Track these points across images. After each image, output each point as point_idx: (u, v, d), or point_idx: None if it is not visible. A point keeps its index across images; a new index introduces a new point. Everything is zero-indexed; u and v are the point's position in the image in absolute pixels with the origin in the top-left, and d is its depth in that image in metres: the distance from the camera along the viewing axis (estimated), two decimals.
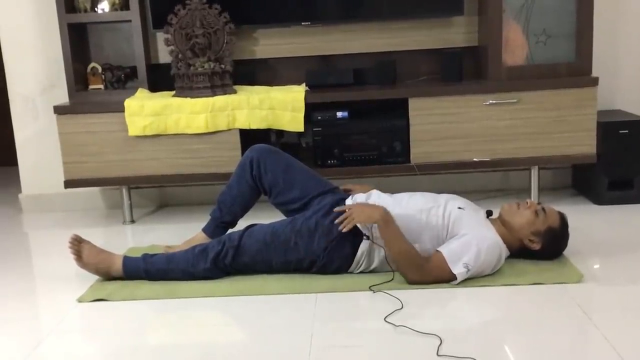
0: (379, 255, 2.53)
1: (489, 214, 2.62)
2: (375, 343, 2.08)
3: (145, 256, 2.63)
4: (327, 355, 2.02)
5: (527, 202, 2.58)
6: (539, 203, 2.64)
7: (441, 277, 2.41)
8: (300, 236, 2.53)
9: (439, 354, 1.96)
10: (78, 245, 2.61)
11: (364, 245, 2.52)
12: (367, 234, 2.49)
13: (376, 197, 2.64)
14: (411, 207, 2.54)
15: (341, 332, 2.17)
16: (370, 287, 2.43)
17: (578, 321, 2.16)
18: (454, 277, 2.39)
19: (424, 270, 2.41)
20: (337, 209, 2.51)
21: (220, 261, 2.55)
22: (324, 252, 2.52)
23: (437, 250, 2.43)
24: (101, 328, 2.31)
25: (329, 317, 2.27)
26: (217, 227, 2.78)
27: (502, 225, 2.56)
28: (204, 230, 2.79)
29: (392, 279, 2.46)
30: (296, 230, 2.54)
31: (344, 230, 2.44)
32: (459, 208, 2.53)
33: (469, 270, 2.38)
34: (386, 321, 2.18)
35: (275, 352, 2.06)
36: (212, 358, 2.06)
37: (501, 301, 2.34)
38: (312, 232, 2.53)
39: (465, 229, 2.45)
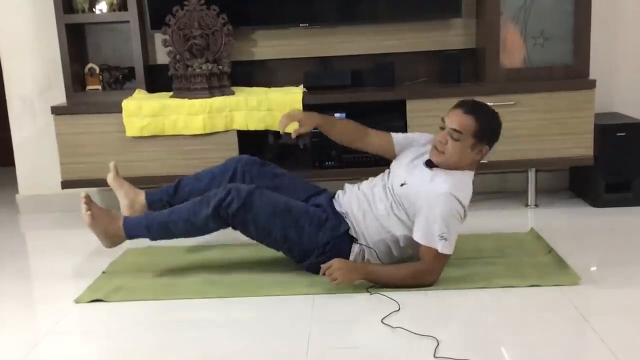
0: (371, 256, 2.54)
1: (429, 164, 2.54)
2: (373, 345, 2.08)
3: (146, 213, 2.63)
4: (325, 356, 2.02)
5: (439, 140, 2.47)
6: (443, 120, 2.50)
7: (439, 260, 2.40)
8: (310, 221, 2.51)
9: (436, 355, 1.96)
10: (90, 204, 2.62)
11: (355, 248, 2.54)
12: (355, 236, 2.52)
13: (349, 192, 2.63)
14: (376, 206, 2.53)
15: (338, 333, 2.17)
16: (367, 288, 2.43)
17: (575, 323, 2.16)
18: (444, 255, 2.39)
19: (426, 271, 2.42)
20: (323, 267, 2.42)
21: (223, 209, 2.47)
22: (324, 246, 2.51)
23: (418, 242, 2.42)
24: (98, 329, 2.31)
25: (327, 319, 2.27)
26: (161, 201, 2.72)
27: (448, 167, 2.49)
28: (147, 196, 2.74)
29: None
30: (310, 214, 2.53)
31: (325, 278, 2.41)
32: (402, 185, 2.50)
33: (447, 238, 2.37)
34: (383, 323, 2.18)
35: (273, 354, 2.06)
36: (209, 359, 2.06)
37: (498, 303, 2.34)
38: (323, 222, 2.53)
39: (419, 202, 2.42)
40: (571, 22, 3.30)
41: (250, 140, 3.45)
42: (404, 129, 3.28)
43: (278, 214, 2.50)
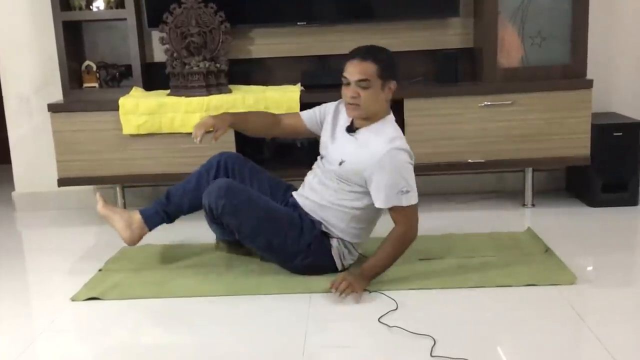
0: (352, 245, 2.57)
1: (349, 129, 2.54)
2: (369, 343, 2.08)
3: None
4: (321, 355, 2.02)
5: (350, 96, 2.44)
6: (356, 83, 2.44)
7: (409, 214, 2.42)
8: (290, 225, 2.52)
9: (433, 354, 1.96)
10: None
11: (333, 242, 2.55)
12: (327, 232, 2.54)
13: (301, 195, 2.64)
14: (326, 197, 2.54)
15: (335, 332, 2.18)
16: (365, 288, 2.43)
17: (571, 323, 2.17)
18: (412, 206, 2.40)
19: (404, 232, 2.42)
20: (334, 287, 2.40)
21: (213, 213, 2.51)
22: (307, 248, 2.52)
23: (385, 209, 2.43)
24: (94, 327, 2.31)
25: (323, 317, 2.27)
26: (157, 214, 2.69)
27: (369, 120, 2.49)
28: (142, 212, 2.69)
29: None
30: (290, 218, 2.53)
31: (342, 297, 2.37)
32: (341, 164, 2.49)
33: (407, 190, 2.38)
34: (380, 322, 2.18)
35: (269, 352, 2.06)
36: (206, 358, 2.06)
37: (494, 302, 2.34)
38: (300, 224, 2.53)
39: (366, 172, 2.42)
40: (569, 21, 3.30)
41: (247, 139, 3.44)
42: (401, 127, 3.26)
43: (262, 221, 2.50)
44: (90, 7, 3.48)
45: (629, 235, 3.08)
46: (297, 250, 2.52)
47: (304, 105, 3.27)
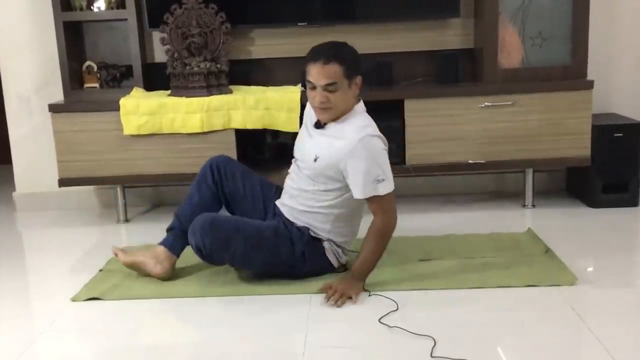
0: (343, 245, 2.58)
1: (317, 125, 2.52)
2: (369, 344, 2.08)
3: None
4: (321, 355, 2.02)
5: (320, 101, 2.41)
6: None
7: (387, 203, 2.39)
8: (282, 240, 2.49)
9: (433, 355, 1.96)
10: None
11: (325, 245, 2.54)
12: (316, 236, 2.53)
13: (282, 204, 2.62)
14: (307, 202, 2.52)
15: (335, 332, 2.17)
16: (366, 289, 2.43)
17: (571, 323, 2.17)
18: (388, 195, 2.38)
19: (382, 223, 2.40)
20: (321, 288, 2.44)
21: (203, 253, 2.46)
22: (302, 255, 2.51)
23: (362, 199, 2.41)
24: (94, 327, 2.31)
25: (323, 318, 2.27)
26: (177, 237, 2.63)
27: (340, 116, 2.46)
28: (163, 243, 2.64)
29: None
30: (278, 232, 2.50)
31: (339, 305, 2.36)
32: (315, 160, 2.47)
33: (383, 178, 2.36)
34: (380, 322, 2.18)
35: (270, 353, 2.06)
36: (206, 358, 2.06)
37: (495, 303, 2.34)
38: (289, 234, 2.50)
39: (340, 164, 2.40)
40: (569, 22, 3.30)
41: (247, 139, 3.44)
42: (401, 128, 3.28)
43: (254, 245, 2.45)
44: (91, 7, 3.48)
45: (630, 236, 3.08)
46: (294, 260, 2.51)
47: (304, 106, 3.27)
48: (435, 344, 2.02)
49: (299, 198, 2.55)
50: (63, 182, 3.40)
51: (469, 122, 3.27)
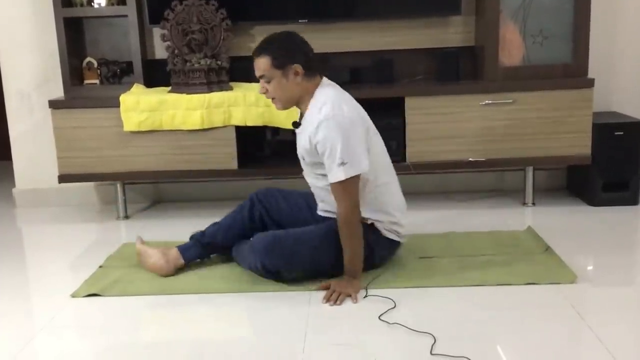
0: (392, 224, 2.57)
1: (295, 125, 2.54)
2: (369, 341, 2.08)
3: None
4: (321, 352, 2.02)
5: (262, 93, 2.47)
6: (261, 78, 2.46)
7: (348, 188, 2.34)
8: (337, 238, 2.46)
9: (433, 352, 1.96)
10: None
11: (379, 226, 2.52)
12: None
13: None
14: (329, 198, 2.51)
15: (335, 330, 2.17)
16: (365, 287, 2.43)
17: (571, 321, 2.17)
18: (350, 180, 2.32)
19: (344, 211, 2.36)
20: (319, 287, 2.45)
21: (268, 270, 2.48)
22: (367, 245, 2.47)
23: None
24: (94, 324, 2.30)
25: (323, 315, 2.27)
26: (193, 246, 2.68)
27: (299, 105, 2.48)
28: (179, 246, 2.68)
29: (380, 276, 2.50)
30: (332, 231, 2.47)
31: (338, 304, 2.35)
32: (304, 159, 2.51)
33: (346, 161, 2.30)
34: (380, 320, 2.18)
35: (269, 350, 2.06)
36: (205, 355, 2.06)
37: (495, 301, 2.34)
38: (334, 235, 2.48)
39: (317, 149, 2.38)
40: (570, 20, 3.29)
41: (248, 137, 3.44)
42: (402, 126, 3.28)
43: (318, 248, 2.45)
44: (92, 3, 3.48)
45: (630, 234, 3.08)
46: (364, 252, 2.48)
47: None
48: (435, 341, 2.02)
49: (324, 198, 2.55)
50: (63, 179, 3.39)
51: (470, 120, 3.27)
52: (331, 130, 2.33)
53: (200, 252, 2.69)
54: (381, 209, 2.51)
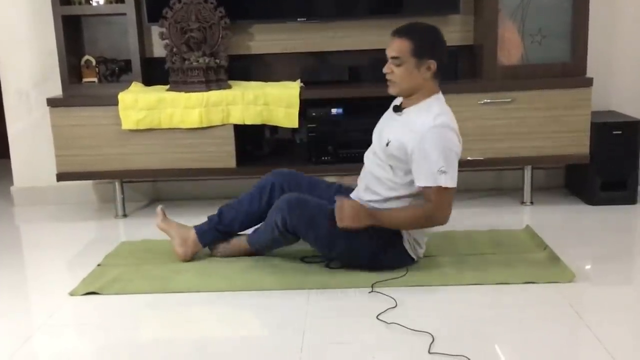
0: (419, 241, 2.58)
1: (396, 109, 2.55)
2: (368, 340, 2.08)
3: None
4: (320, 351, 2.02)
5: (386, 73, 2.48)
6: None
7: (444, 195, 2.37)
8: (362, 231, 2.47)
9: (431, 351, 1.96)
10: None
11: (404, 234, 2.53)
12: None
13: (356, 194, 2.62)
14: (380, 192, 2.51)
15: (333, 328, 2.17)
16: (372, 284, 2.43)
17: (570, 320, 2.17)
18: (448, 189, 2.36)
19: (434, 209, 2.38)
20: (336, 207, 2.45)
21: (288, 228, 2.51)
22: (383, 246, 2.51)
23: (419, 186, 2.40)
24: (93, 322, 2.30)
25: (322, 314, 2.27)
26: (210, 230, 2.72)
27: (409, 97, 2.49)
28: (196, 228, 2.73)
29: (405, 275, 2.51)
30: None
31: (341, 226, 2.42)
32: (387, 144, 2.46)
33: (446, 171, 2.34)
34: (378, 319, 2.18)
35: (268, 348, 2.06)
36: (204, 353, 2.06)
37: (493, 300, 2.34)
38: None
39: (409, 148, 2.39)
40: (569, 20, 3.30)
41: (246, 135, 3.44)
42: None
43: (335, 229, 2.44)
44: (90, 1, 3.47)
45: (628, 233, 3.08)
46: (374, 253, 2.50)
47: (304, 102, 3.27)
48: (433, 340, 2.02)
49: (374, 188, 2.53)
50: (61, 177, 3.39)
51: (468, 119, 3.26)
52: (443, 138, 2.37)
53: (217, 236, 2.73)
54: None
